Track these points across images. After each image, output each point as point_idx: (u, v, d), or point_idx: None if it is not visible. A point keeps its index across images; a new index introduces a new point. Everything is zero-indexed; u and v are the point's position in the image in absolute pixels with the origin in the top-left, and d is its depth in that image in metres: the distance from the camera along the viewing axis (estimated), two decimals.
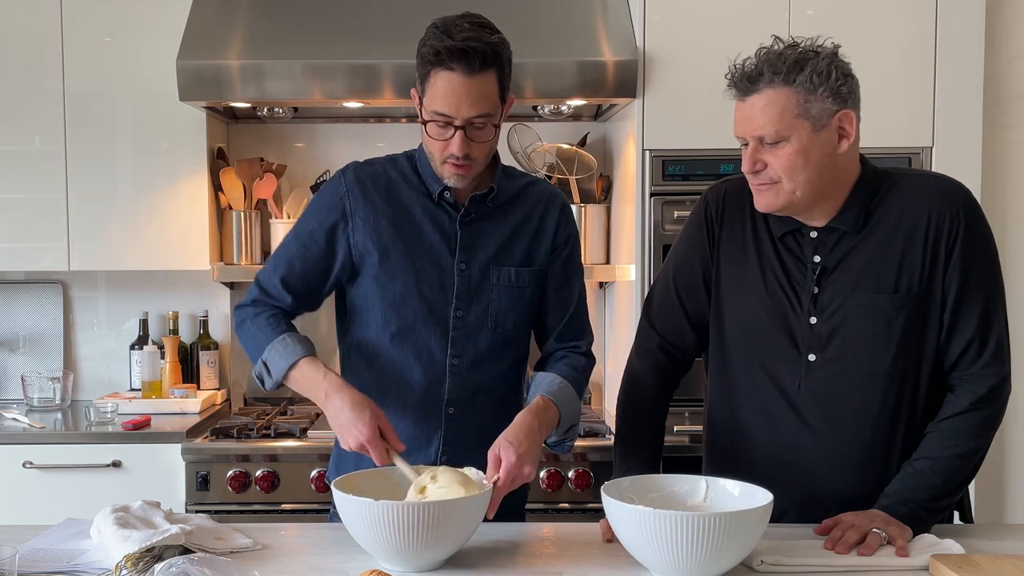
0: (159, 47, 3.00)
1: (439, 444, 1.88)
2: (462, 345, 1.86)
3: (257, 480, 2.78)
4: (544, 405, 1.79)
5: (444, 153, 1.77)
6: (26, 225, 3.13)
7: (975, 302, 1.71)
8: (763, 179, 1.69)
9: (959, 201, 1.72)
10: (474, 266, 1.86)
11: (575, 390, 1.87)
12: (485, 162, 1.83)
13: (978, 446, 1.71)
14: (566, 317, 1.94)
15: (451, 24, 1.74)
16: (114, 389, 3.42)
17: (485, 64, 1.72)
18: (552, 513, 2.79)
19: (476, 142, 1.76)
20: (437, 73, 1.72)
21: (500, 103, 1.78)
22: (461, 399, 1.87)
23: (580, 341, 1.95)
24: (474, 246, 1.86)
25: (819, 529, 1.66)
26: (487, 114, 1.75)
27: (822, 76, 1.62)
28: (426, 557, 1.51)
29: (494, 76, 1.74)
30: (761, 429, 1.80)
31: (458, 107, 1.72)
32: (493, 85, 1.75)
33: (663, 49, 2.83)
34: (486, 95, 1.74)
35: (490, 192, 1.86)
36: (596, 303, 3.45)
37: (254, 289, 1.89)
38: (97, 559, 1.57)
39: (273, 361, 1.80)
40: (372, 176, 1.88)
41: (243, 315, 1.88)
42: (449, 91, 1.72)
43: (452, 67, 1.70)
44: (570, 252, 1.95)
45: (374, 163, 1.92)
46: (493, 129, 1.78)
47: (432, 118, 1.76)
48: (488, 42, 1.72)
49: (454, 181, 1.81)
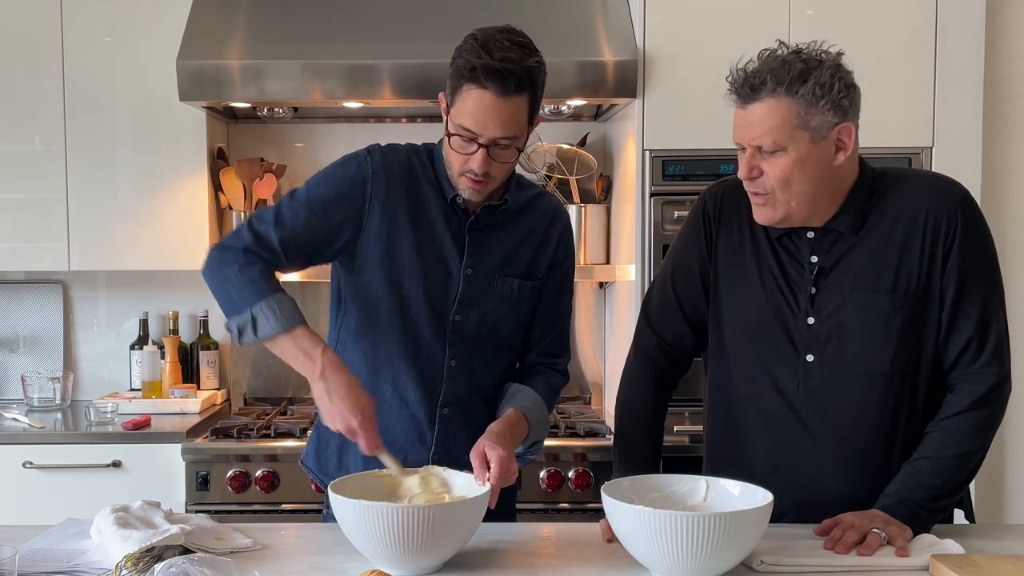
0: (159, 47, 3.00)
1: (432, 442, 1.88)
2: (459, 348, 1.87)
3: (257, 480, 2.78)
4: (516, 419, 1.81)
5: (463, 167, 1.76)
6: (26, 225, 3.13)
7: (973, 301, 1.71)
8: (758, 187, 1.69)
9: (956, 201, 1.72)
10: (480, 273, 1.86)
11: (547, 408, 1.90)
12: (502, 180, 1.82)
13: (978, 446, 1.71)
14: (551, 334, 1.96)
15: (491, 40, 1.70)
16: (114, 389, 3.42)
17: (520, 88, 1.69)
18: (552, 513, 2.79)
19: (497, 161, 1.75)
20: (469, 89, 1.69)
21: (527, 125, 1.76)
22: (456, 400, 1.88)
23: (559, 358, 1.98)
24: (481, 253, 1.86)
25: (819, 529, 1.66)
26: (513, 136, 1.73)
27: (825, 88, 1.61)
28: (424, 561, 1.51)
29: (526, 100, 1.72)
30: (760, 430, 1.80)
31: (485, 126, 1.70)
32: (524, 108, 1.72)
33: (663, 49, 2.83)
34: (515, 117, 1.71)
35: (503, 203, 1.86)
36: (596, 303, 3.45)
37: (246, 236, 1.78)
38: (97, 559, 1.57)
39: (265, 318, 1.71)
40: (398, 164, 1.85)
41: (228, 259, 1.75)
42: (479, 109, 1.69)
43: (486, 86, 1.67)
44: (566, 270, 1.97)
45: (398, 150, 1.88)
46: (516, 152, 1.77)
47: (458, 131, 1.73)
48: (526, 66, 1.69)
49: (468, 195, 1.80)
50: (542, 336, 1.96)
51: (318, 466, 1.98)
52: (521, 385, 1.90)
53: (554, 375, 1.96)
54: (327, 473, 1.94)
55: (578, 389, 3.45)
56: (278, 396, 3.43)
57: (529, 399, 1.85)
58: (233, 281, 1.74)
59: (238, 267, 1.74)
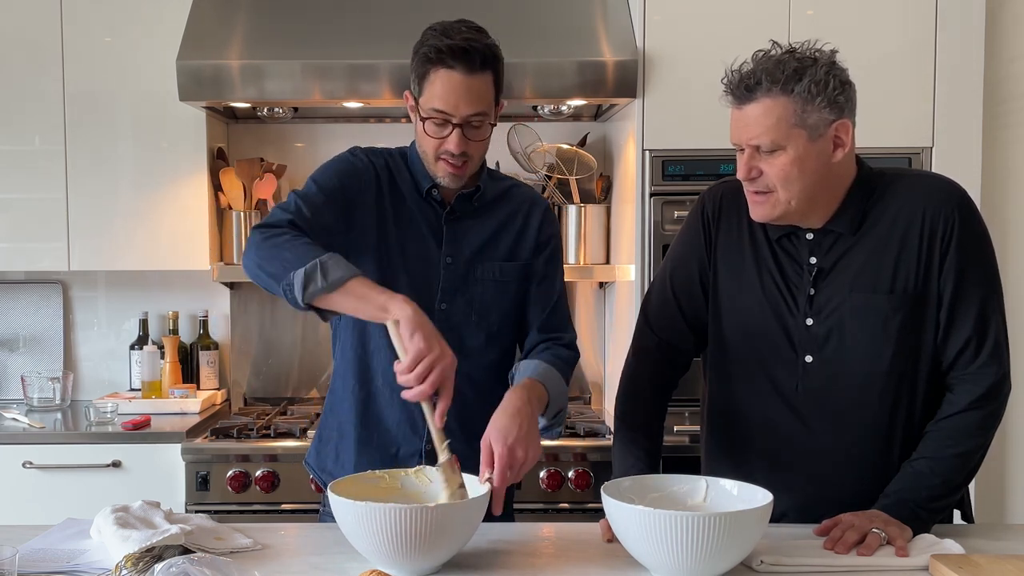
0: (159, 47, 3.00)
1: (424, 433, 1.88)
2: (449, 338, 1.86)
3: (257, 480, 2.78)
4: (531, 384, 1.78)
5: (440, 150, 1.81)
6: (26, 225, 3.13)
7: (971, 301, 1.71)
8: (758, 187, 1.69)
9: (953, 200, 1.72)
10: (459, 260, 1.89)
11: (560, 376, 1.87)
12: (479, 162, 1.88)
13: (978, 445, 1.71)
14: (547, 309, 1.96)
15: (449, 27, 1.79)
16: (114, 389, 3.42)
17: (484, 64, 1.77)
18: (552, 513, 2.79)
19: (473, 140, 1.81)
20: (437, 71, 1.76)
21: (494, 104, 1.83)
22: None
23: (562, 333, 1.97)
24: (459, 241, 1.90)
25: (818, 530, 1.66)
26: (483, 112, 1.79)
27: (820, 86, 1.62)
28: (425, 561, 1.51)
29: (491, 77, 1.79)
30: (760, 430, 1.80)
31: (457, 105, 1.76)
32: (490, 85, 1.80)
33: (663, 49, 2.83)
34: (483, 94, 1.78)
35: (476, 191, 1.90)
36: (596, 303, 3.45)
37: (283, 213, 1.76)
38: (97, 559, 1.57)
39: (336, 265, 1.63)
40: (379, 164, 1.91)
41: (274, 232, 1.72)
42: (449, 89, 1.76)
43: (452, 65, 1.75)
44: (552, 250, 1.98)
45: (377, 151, 1.95)
46: (489, 128, 1.83)
47: (430, 115, 1.79)
48: (487, 43, 1.79)
49: (448, 180, 1.84)
50: (539, 313, 1.96)
51: (318, 463, 2.00)
52: (528, 360, 1.89)
53: (559, 348, 1.94)
54: (325, 470, 1.96)
55: (578, 389, 3.45)
56: (278, 396, 3.43)
57: (540, 368, 1.84)
58: (285, 246, 1.68)
59: (291, 235, 1.70)
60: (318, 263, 1.63)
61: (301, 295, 1.62)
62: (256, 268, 1.70)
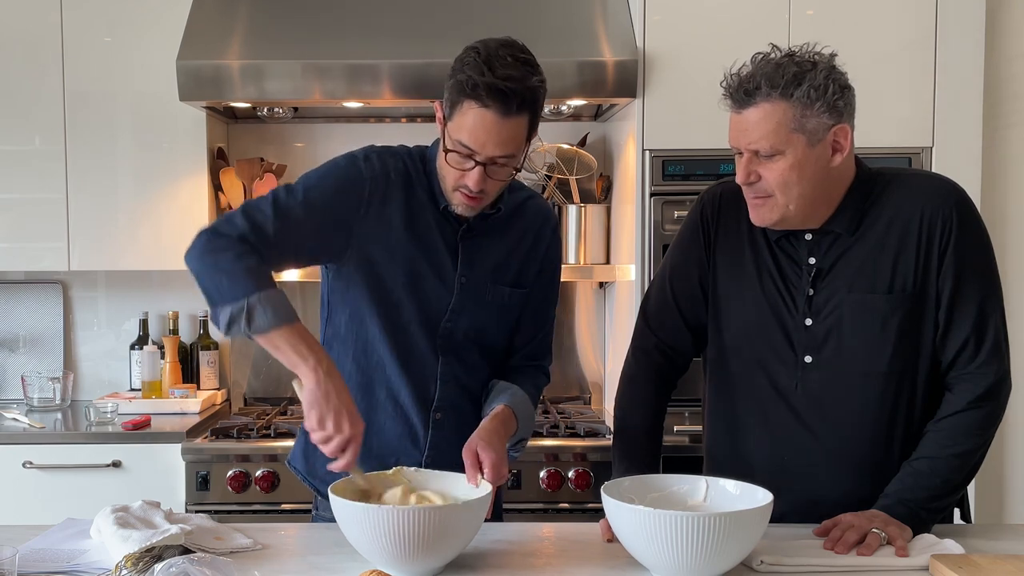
0: (159, 47, 3.00)
1: (425, 446, 1.88)
2: (450, 354, 1.86)
3: (257, 480, 2.78)
4: (507, 416, 1.80)
5: (458, 183, 1.73)
6: (26, 225, 3.13)
7: (970, 300, 1.71)
8: (757, 191, 1.69)
9: (951, 200, 1.72)
10: (472, 281, 1.85)
11: (532, 407, 1.89)
12: (495, 196, 1.80)
13: (977, 445, 1.71)
14: (537, 337, 1.96)
15: (494, 55, 1.65)
16: (114, 389, 3.42)
17: (521, 107, 1.66)
18: (552, 513, 2.79)
19: (493, 179, 1.72)
20: (471, 106, 1.65)
21: (525, 144, 1.73)
22: (449, 405, 1.87)
23: (543, 360, 1.99)
24: (473, 261, 1.85)
25: (818, 530, 1.66)
26: (511, 155, 1.70)
27: (819, 91, 1.61)
28: (427, 563, 1.51)
29: (526, 119, 1.69)
30: (759, 430, 1.80)
31: (484, 144, 1.67)
32: (523, 127, 1.69)
33: (663, 49, 2.83)
34: (515, 137, 1.68)
35: (496, 211, 1.84)
36: (596, 303, 3.45)
37: (241, 223, 1.69)
38: (97, 559, 1.57)
39: (263, 310, 1.61)
40: (395, 170, 1.82)
41: (222, 244, 1.66)
42: (479, 127, 1.65)
43: (487, 104, 1.64)
44: (552, 275, 1.97)
45: (395, 154, 1.85)
46: (512, 171, 1.75)
47: (455, 148, 1.69)
48: (528, 85, 1.66)
49: (461, 210, 1.78)
50: (527, 339, 1.95)
51: (306, 468, 1.96)
52: (508, 383, 1.88)
53: (539, 376, 1.96)
54: (316, 475, 1.92)
55: (578, 389, 3.45)
56: (278, 396, 3.43)
57: (518, 397, 1.84)
58: (226, 268, 1.64)
59: (233, 255, 1.64)
60: (245, 305, 1.61)
61: (225, 331, 1.64)
62: (195, 274, 1.69)
